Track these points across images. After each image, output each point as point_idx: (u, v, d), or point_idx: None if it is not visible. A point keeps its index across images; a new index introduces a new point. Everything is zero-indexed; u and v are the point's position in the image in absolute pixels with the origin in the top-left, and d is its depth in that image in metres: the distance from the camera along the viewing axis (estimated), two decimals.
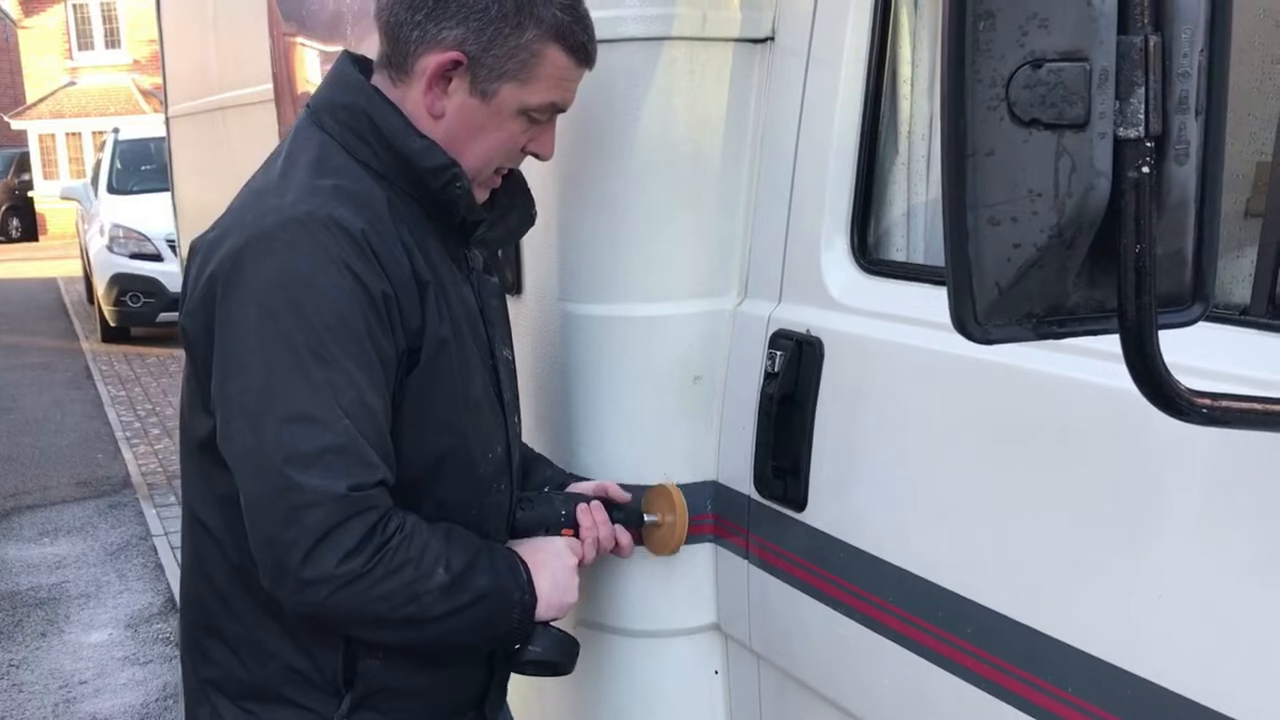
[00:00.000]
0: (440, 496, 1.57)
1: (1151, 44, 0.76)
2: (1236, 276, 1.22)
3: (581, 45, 1.54)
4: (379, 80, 1.57)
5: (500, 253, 1.89)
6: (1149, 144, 0.77)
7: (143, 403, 9.48)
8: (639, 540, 1.79)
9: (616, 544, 1.75)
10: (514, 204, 1.68)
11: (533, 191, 1.71)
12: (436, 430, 1.55)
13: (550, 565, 1.63)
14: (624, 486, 1.79)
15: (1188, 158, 0.78)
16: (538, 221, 1.73)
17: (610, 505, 1.76)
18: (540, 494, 1.76)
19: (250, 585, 1.53)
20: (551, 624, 1.65)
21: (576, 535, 1.71)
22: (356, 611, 1.45)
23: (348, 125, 1.54)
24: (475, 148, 1.55)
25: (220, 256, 1.46)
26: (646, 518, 1.78)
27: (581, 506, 1.73)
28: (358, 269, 1.42)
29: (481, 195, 1.60)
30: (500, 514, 1.68)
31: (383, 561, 1.42)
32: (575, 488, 1.79)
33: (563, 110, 1.59)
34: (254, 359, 1.42)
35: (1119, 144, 0.77)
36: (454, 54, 1.49)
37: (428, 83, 1.51)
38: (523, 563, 1.60)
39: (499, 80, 1.51)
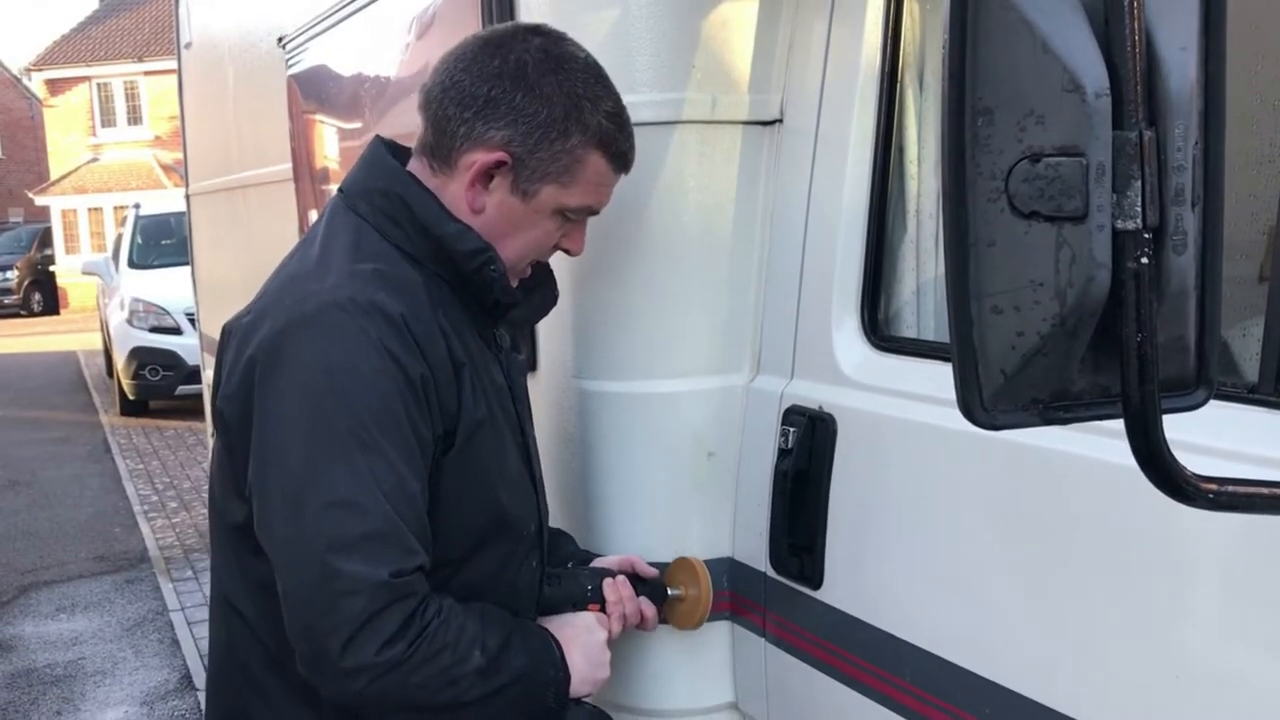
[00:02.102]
0: (470, 577, 1.57)
1: (1146, 139, 0.77)
2: (1244, 354, 1.23)
3: (622, 153, 1.57)
4: (415, 166, 1.59)
5: None
6: (1147, 235, 0.78)
7: (160, 476, 9.50)
8: (663, 615, 1.78)
9: (642, 618, 1.74)
10: (538, 283, 1.69)
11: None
12: (474, 510, 1.56)
13: (581, 641, 1.63)
14: None
15: (1186, 248, 0.79)
16: None
17: (634, 579, 1.75)
18: (566, 570, 1.76)
19: (286, 673, 1.52)
20: (585, 700, 1.63)
21: (603, 610, 1.70)
22: (395, 698, 1.44)
23: (382, 210, 1.55)
24: (511, 243, 1.57)
25: (259, 340, 1.47)
26: (670, 591, 1.76)
27: (607, 581, 1.72)
28: (397, 353, 1.43)
29: (511, 284, 1.61)
30: (530, 593, 1.68)
31: (421, 648, 1.42)
32: (600, 562, 1.79)
33: (596, 213, 1.61)
34: (294, 444, 1.42)
35: (1117, 236, 0.78)
36: (500, 154, 1.51)
37: (471, 179, 1.53)
38: (555, 640, 1.60)
39: (541, 181, 1.53)
